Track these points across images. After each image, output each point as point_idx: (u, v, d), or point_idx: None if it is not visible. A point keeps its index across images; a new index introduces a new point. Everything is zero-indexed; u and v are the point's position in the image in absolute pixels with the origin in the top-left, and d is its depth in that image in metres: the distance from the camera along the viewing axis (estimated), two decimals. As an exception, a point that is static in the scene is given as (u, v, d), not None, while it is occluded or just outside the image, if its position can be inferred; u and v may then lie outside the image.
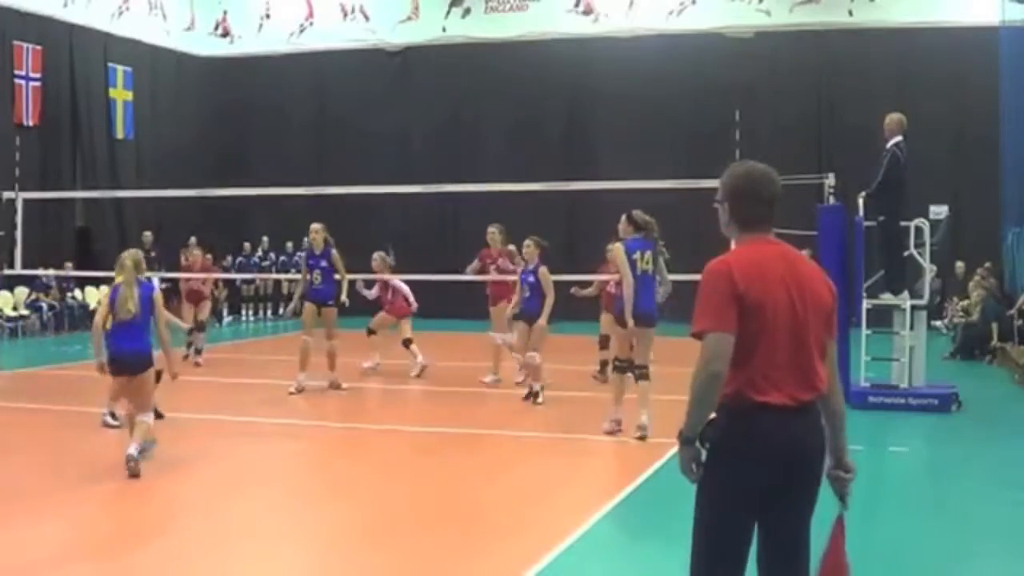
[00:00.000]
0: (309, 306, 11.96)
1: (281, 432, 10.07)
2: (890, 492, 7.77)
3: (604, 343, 12.18)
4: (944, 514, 6.96)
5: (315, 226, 11.97)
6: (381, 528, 6.40)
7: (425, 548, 5.91)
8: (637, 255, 8.86)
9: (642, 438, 8.65)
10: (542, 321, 10.96)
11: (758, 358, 3.27)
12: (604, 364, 12.15)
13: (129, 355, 7.70)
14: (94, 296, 20.53)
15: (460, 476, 7.89)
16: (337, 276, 11.93)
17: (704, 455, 3.33)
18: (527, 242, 11.36)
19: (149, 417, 7.79)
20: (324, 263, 11.80)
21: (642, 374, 8.96)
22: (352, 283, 12.64)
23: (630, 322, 8.82)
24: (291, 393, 11.54)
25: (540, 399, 10.94)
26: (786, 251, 3.48)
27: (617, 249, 8.96)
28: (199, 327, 14.64)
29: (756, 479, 3.29)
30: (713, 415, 3.34)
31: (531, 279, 11.15)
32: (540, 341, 11.07)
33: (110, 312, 7.78)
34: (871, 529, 6.41)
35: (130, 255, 7.90)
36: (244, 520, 6.66)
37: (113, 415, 9.08)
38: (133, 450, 7.48)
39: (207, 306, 15.30)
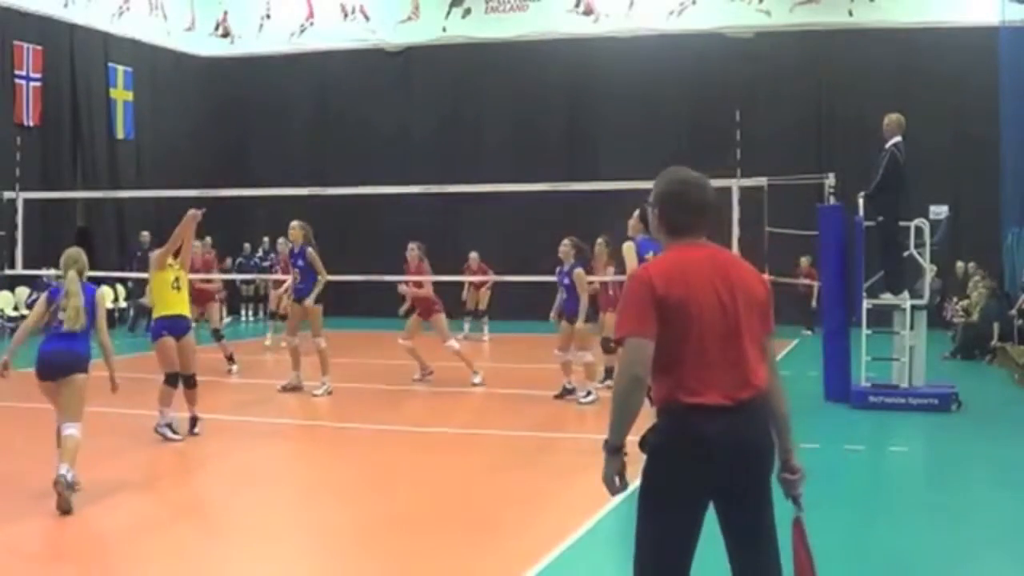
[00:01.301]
0: (294, 306, 11.96)
1: (281, 432, 10.09)
2: (890, 492, 7.77)
3: (607, 346, 11.88)
4: (944, 514, 6.95)
5: (294, 223, 11.89)
6: (380, 528, 6.41)
7: (425, 548, 5.91)
8: (650, 255, 8.30)
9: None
10: (579, 324, 10.94)
11: (687, 360, 3.28)
12: (610, 371, 11.93)
13: (63, 354, 6.95)
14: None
15: (459, 476, 7.89)
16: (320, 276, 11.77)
17: (645, 460, 3.33)
18: (564, 242, 11.25)
19: (76, 429, 6.82)
20: (300, 262, 11.78)
21: None
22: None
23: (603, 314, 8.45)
24: (279, 390, 11.51)
25: (591, 396, 10.86)
26: (715, 253, 3.49)
27: (628, 248, 8.53)
28: (215, 336, 13.90)
29: (697, 480, 3.28)
30: (653, 422, 3.35)
31: (566, 280, 11.16)
32: (586, 340, 11.08)
33: (47, 313, 7.16)
34: (871, 529, 6.42)
35: (75, 262, 7.19)
36: (242, 520, 6.67)
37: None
38: (64, 471, 6.53)
39: (216, 309, 14.46)
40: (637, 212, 8.59)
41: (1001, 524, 6.64)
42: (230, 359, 13.64)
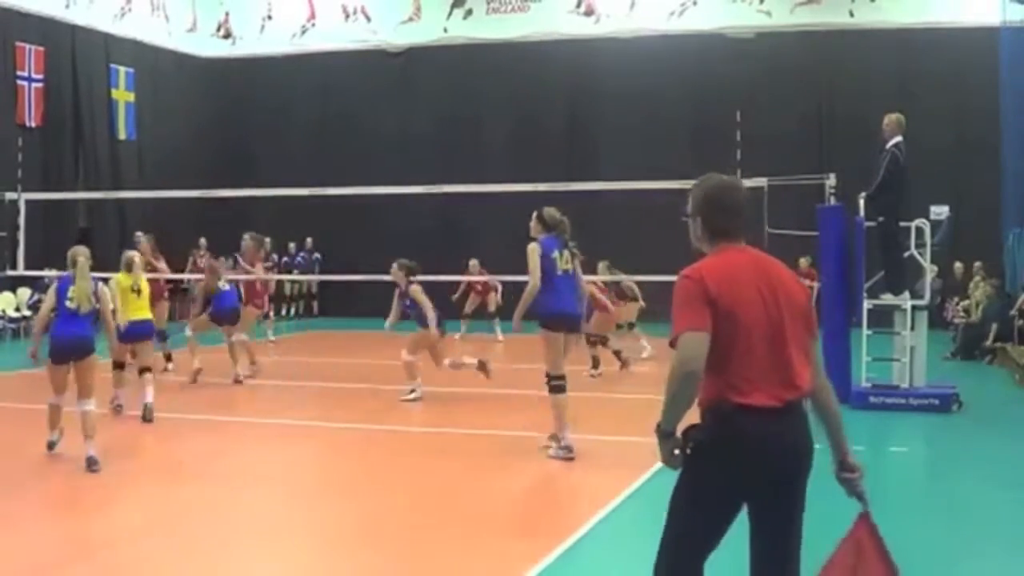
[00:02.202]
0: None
1: (281, 432, 10.10)
2: (891, 492, 7.78)
3: (590, 341, 13.29)
4: (945, 514, 6.97)
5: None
6: (381, 528, 6.42)
7: (425, 548, 5.93)
8: (556, 254, 8.28)
9: (568, 458, 8.19)
10: (433, 330, 11.53)
11: (735, 362, 3.32)
12: (597, 360, 13.53)
13: (74, 340, 8.04)
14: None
15: (460, 476, 7.91)
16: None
17: (688, 451, 3.37)
18: (393, 267, 11.79)
19: (92, 404, 8.05)
20: (408, 301, 11.85)
21: (556, 386, 8.28)
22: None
23: (517, 323, 8.36)
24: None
25: (415, 394, 11.44)
26: (758, 257, 3.57)
27: (532, 248, 8.31)
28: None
29: (739, 479, 3.34)
30: (698, 419, 3.39)
31: (408, 302, 11.69)
32: (418, 344, 11.66)
33: (57, 303, 8.14)
34: (871, 529, 6.43)
35: (82, 253, 8.33)
36: (244, 520, 6.69)
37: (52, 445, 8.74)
38: (93, 452, 7.79)
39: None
40: (535, 214, 8.60)
41: (1002, 524, 6.66)
42: (168, 358, 13.72)
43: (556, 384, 8.27)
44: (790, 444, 3.36)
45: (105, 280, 9.31)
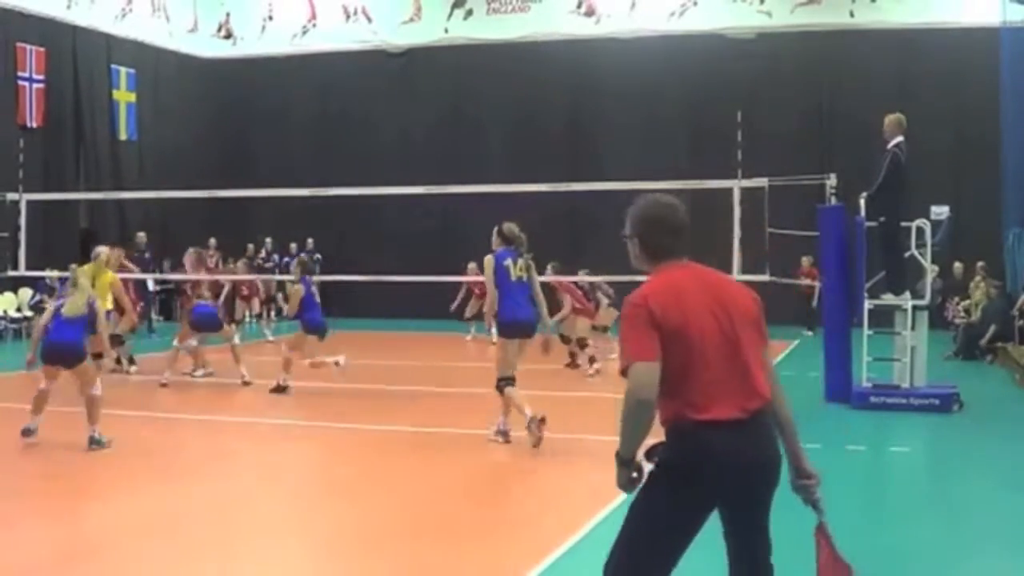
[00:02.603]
0: None
1: (281, 433, 10.12)
2: (891, 492, 7.80)
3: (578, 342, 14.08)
4: (945, 514, 6.98)
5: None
6: (382, 529, 6.43)
7: (426, 548, 5.93)
8: (508, 262, 8.81)
9: (538, 435, 8.60)
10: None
11: (693, 379, 3.30)
12: (580, 358, 14.12)
13: (64, 347, 8.52)
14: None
15: (461, 476, 7.92)
16: None
17: (652, 467, 3.37)
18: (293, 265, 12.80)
19: (97, 388, 8.59)
20: None
21: (502, 385, 8.83)
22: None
23: (491, 324, 8.93)
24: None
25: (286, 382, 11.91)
26: (702, 272, 3.53)
27: (487, 260, 8.91)
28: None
29: (705, 497, 3.32)
30: (660, 438, 3.37)
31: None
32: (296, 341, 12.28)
33: (54, 315, 8.68)
34: (872, 529, 6.44)
35: (84, 274, 9.21)
36: (243, 520, 6.69)
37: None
38: (96, 434, 8.48)
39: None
40: (496, 228, 9.08)
41: (1003, 524, 6.66)
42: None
43: (502, 385, 8.77)
44: (755, 458, 3.32)
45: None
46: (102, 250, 12.06)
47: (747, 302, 3.51)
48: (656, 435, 3.40)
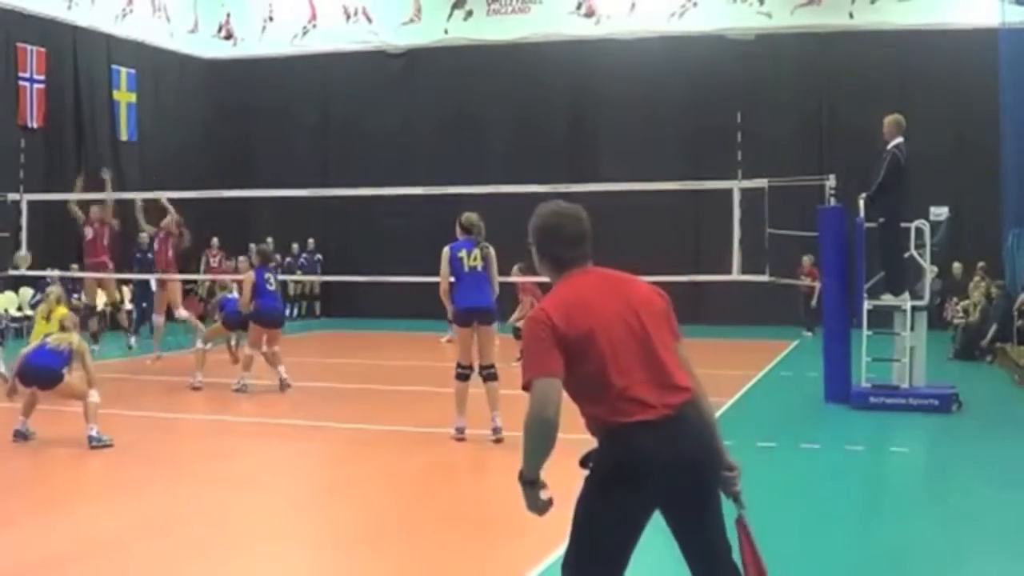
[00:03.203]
0: None
1: (282, 433, 10.13)
2: (891, 492, 7.82)
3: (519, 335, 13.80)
4: (944, 514, 6.99)
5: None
6: (382, 528, 6.45)
7: (426, 548, 5.95)
8: (463, 252, 9.07)
9: (499, 440, 8.73)
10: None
11: (611, 385, 3.27)
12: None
13: (40, 371, 8.67)
14: (100, 298, 20.56)
15: (461, 476, 7.94)
16: None
17: (588, 473, 3.36)
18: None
19: (94, 396, 8.64)
20: None
21: (490, 374, 8.98)
22: None
23: (451, 308, 9.09)
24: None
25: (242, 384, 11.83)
26: (605, 275, 3.49)
27: (443, 252, 9.13)
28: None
29: (644, 499, 3.30)
30: (596, 443, 3.37)
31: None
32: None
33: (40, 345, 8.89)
34: (872, 529, 6.47)
35: (68, 317, 9.21)
36: (244, 521, 6.71)
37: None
38: (95, 432, 8.50)
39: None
40: (457, 220, 9.33)
41: (1002, 524, 6.67)
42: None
43: (460, 373, 9.01)
44: (686, 454, 3.27)
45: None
46: (52, 291, 11.51)
47: (654, 299, 3.47)
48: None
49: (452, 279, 9.17)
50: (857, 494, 7.49)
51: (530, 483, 3.39)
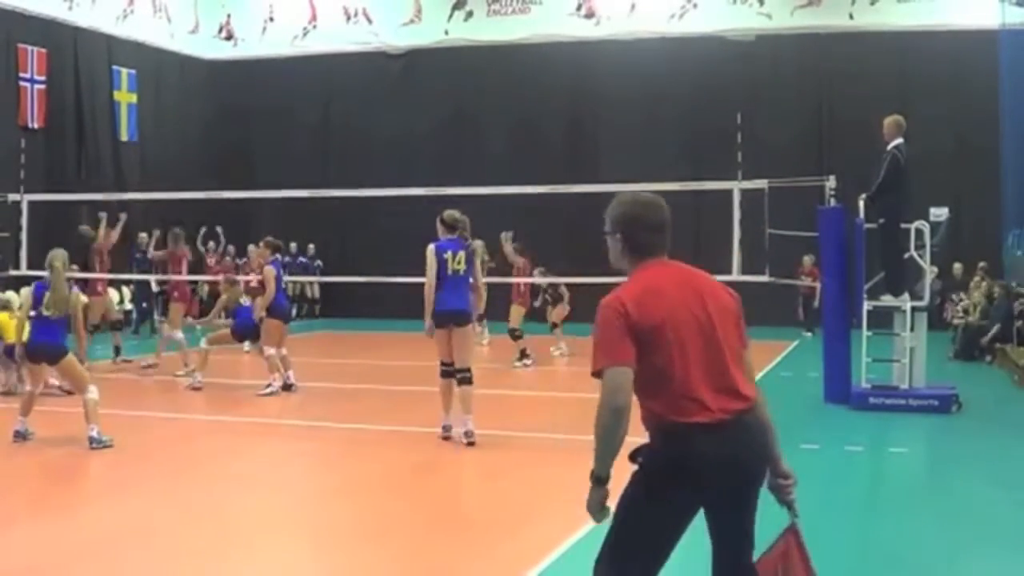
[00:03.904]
0: None
1: (283, 433, 10.15)
2: (890, 493, 7.83)
3: (514, 335, 14.85)
4: (944, 515, 7.00)
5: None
6: (382, 529, 6.45)
7: (426, 549, 5.96)
8: (448, 255, 9.00)
9: (471, 443, 8.71)
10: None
11: (676, 381, 3.26)
12: (524, 351, 14.61)
13: (44, 347, 8.71)
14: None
15: (461, 476, 7.95)
16: None
17: (636, 468, 3.34)
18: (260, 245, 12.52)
19: (92, 392, 8.62)
20: None
21: (463, 378, 8.93)
22: None
23: (428, 322, 8.94)
24: None
25: (270, 388, 11.70)
26: (682, 270, 3.48)
27: (428, 251, 9.05)
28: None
29: (688, 498, 3.30)
30: (638, 443, 3.34)
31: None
32: (269, 335, 11.96)
33: (33, 307, 8.83)
34: (872, 529, 6.47)
35: (59, 257, 8.96)
36: (245, 520, 6.71)
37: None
38: (95, 433, 8.47)
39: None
40: (438, 217, 9.26)
41: (1002, 524, 6.68)
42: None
43: (444, 371, 9.06)
44: (739, 458, 3.28)
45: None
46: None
47: (727, 300, 3.46)
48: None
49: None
50: (857, 494, 7.50)
51: (602, 481, 3.32)
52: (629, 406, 3.22)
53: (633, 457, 3.34)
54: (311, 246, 23.27)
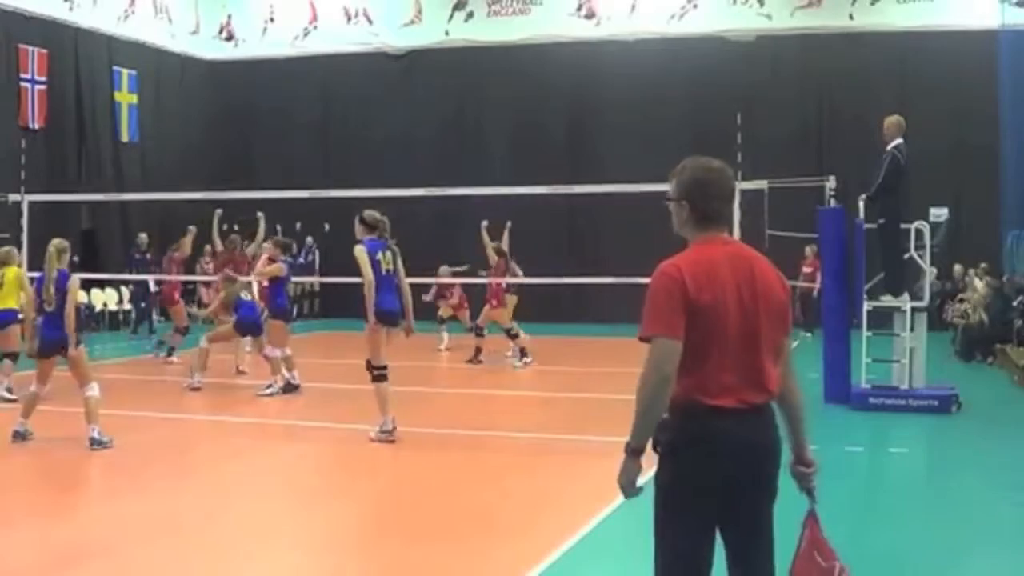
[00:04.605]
0: None
1: (282, 434, 10.16)
2: (890, 493, 7.83)
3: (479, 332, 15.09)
4: (944, 515, 7.01)
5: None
6: (382, 529, 6.46)
7: (426, 549, 5.96)
8: (380, 255, 9.06)
9: (389, 441, 8.87)
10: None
11: (709, 362, 3.26)
12: (523, 350, 14.66)
13: (47, 341, 8.79)
14: (99, 298, 20.63)
15: (461, 477, 7.95)
16: None
17: (657, 453, 3.34)
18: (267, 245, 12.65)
19: (94, 389, 8.70)
20: None
21: (381, 375, 9.09)
22: None
23: (371, 319, 8.97)
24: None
25: (271, 389, 11.71)
26: (739, 250, 3.48)
27: (359, 251, 9.00)
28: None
29: (710, 478, 3.29)
30: (664, 416, 3.32)
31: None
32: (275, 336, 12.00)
33: (37, 305, 8.96)
34: (872, 530, 6.48)
35: (53, 244, 8.98)
36: (245, 522, 6.72)
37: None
38: (96, 434, 8.51)
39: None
40: (357, 217, 9.27)
41: (1001, 524, 6.69)
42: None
43: (378, 374, 9.12)
44: (758, 443, 3.32)
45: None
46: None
47: (777, 289, 3.45)
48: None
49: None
50: (856, 494, 7.50)
51: (636, 453, 3.30)
52: (674, 377, 3.23)
53: (655, 445, 3.33)
54: (309, 238, 23.13)
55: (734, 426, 3.26)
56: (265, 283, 12.70)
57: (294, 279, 21.97)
